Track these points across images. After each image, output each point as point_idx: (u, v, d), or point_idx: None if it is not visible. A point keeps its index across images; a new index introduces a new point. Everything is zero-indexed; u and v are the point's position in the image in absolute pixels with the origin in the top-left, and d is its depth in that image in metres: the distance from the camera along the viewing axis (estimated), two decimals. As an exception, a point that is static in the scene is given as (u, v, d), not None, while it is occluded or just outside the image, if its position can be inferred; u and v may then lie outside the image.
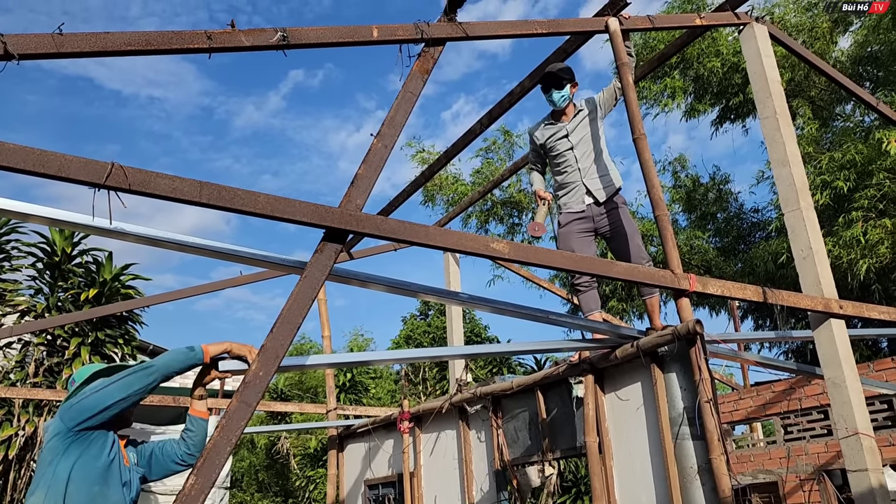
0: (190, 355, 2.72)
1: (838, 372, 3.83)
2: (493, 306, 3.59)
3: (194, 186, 2.46)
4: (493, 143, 16.25)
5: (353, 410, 8.55)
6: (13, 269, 8.47)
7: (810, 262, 4.11)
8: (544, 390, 4.77)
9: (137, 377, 2.57)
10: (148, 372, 2.59)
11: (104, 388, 2.55)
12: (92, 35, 2.46)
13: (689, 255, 13.14)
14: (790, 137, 4.43)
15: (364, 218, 2.81)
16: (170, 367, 2.64)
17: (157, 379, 2.60)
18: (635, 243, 4.60)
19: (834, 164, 10.16)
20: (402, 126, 3.07)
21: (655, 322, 4.37)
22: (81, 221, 2.70)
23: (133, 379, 2.56)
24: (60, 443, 2.58)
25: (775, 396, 8.24)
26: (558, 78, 4.71)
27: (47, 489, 2.53)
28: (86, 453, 2.61)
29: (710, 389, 3.36)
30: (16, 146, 2.18)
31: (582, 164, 4.73)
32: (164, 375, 2.63)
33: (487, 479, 5.27)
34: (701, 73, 12.75)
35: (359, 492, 7.03)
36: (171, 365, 2.65)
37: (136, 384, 2.55)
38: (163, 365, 2.63)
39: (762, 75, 4.56)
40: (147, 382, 2.58)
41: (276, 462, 16.84)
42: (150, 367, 2.61)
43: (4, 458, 7.40)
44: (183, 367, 2.70)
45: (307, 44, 2.98)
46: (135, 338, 8.89)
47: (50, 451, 2.58)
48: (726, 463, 3.24)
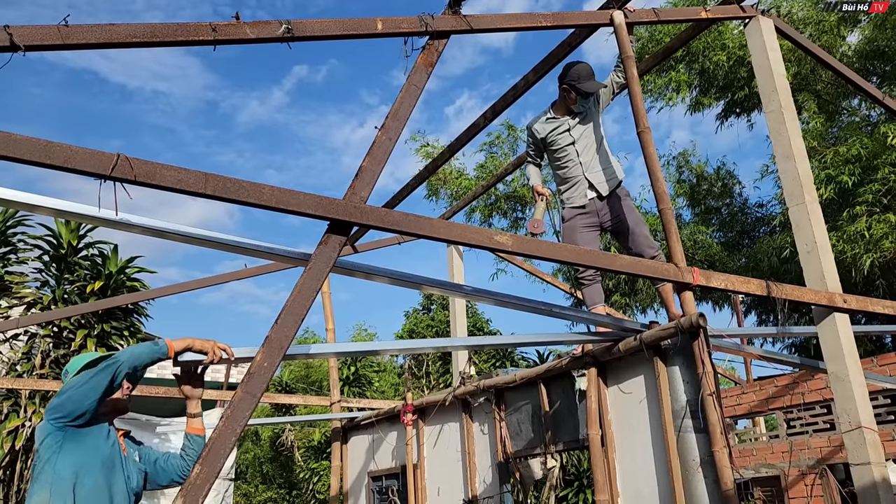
0: (154, 348, 2.75)
1: (842, 366, 3.83)
2: (497, 299, 3.60)
3: (199, 178, 2.48)
4: (497, 138, 16.22)
5: (357, 403, 8.57)
6: (19, 261, 8.51)
7: (814, 257, 4.10)
8: (547, 383, 4.78)
9: (105, 375, 2.60)
10: (113, 367, 2.62)
11: (75, 390, 2.59)
12: (97, 27, 2.47)
13: (693, 250, 13.12)
14: (795, 131, 4.42)
15: (368, 210, 2.82)
16: (134, 359, 2.68)
17: (124, 372, 2.64)
18: (642, 233, 4.59)
19: (839, 158, 10.13)
20: (406, 119, 3.08)
21: (672, 310, 4.30)
22: (87, 213, 2.71)
23: (101, 378, 2.60)
24: (54, 441, 2.63)
25: (778, 391, 8.24)
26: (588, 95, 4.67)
27: (51, 487, 2.56)
28: (83, 447, 2.65)
29: (713, 383, 3.36)
30: (22, 137, 2.20)
31: (583, 158, 4.73)
32: (131, 367, 2.66)
33: (490, 472, 5.30)
34: (706, 67, 12.70)
35: (362, 484, 7.06)
36: (135, 357, 2.68)
37: (104, 382, 2.60)
38: (128, 358, 2.66)
39: (767, 69, 4.55)
40: (112, 377, 2.61)
41: (281, 454, 16.90)
42: (115, 362, 2.63)
43: (11, 448, 7.45)
44: (147, 360, 2.73)
45: (312, 36, 2.99)
46: (140, 330, 8.93)
47: (46, 449, 2.62)
48: (729, 456, 3.25)
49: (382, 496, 6.70)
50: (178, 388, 3.10)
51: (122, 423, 8.03)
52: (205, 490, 2.24)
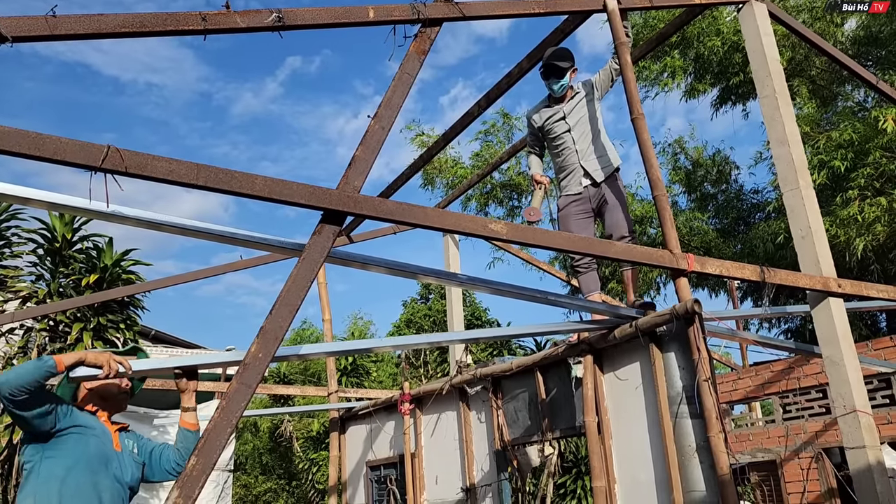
0: (38, 364, 2.60)
1: (836, 350, 3.84)
2: (493, 287, 3.60)
3: (191, 169, 2.46)
4: (493, 126, 16.18)
5: (355, 393, 8.59)
6: (14, 255, 8.47)
7: (809, 242, 4.11)
8: (543, 371, 4.80)
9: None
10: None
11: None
12: (85, 17, 2.44)
13: (689, 237, 13.13)
14: (789, 116, 4.41)
15: (362, 199, 2.81)
16: (18, 378, 2.54)
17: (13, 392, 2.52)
18: (619, 215, 4.68)
19: (831, 143, 10.13)
20: (399, 107, 3.07)
21: (630, 296, 4.49)
22: (79, 205, 2.70)
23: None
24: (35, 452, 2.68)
25: (774, 376, 8.27)
26: (560, 69, 4.71)
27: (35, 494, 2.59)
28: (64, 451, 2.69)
29: (709, 368, 3.37)
30: (11, 129, 2.18)
31: (579, 146, 4.74)
32: (19, 387, 2.53)
33: (488, 460, 5.32)
34: (701, 53, 12.66)
35: (361, 473, 7.09)
36: (19, 376, 2.55)
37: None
38: (13, 378, 2.54)
39: (761, 54, 4.54)
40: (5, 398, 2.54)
41: (280, 445, 16.95)
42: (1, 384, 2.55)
43: (9, 443, 7.45)
44: (33, 378, 2.56)
45: (302, 25, 2.97)
46: (136, 323, 8.90)
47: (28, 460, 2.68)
48: (724, 441, 3.26)
49: (381, 485, 6.73)
50: (174, 381, 3.10)
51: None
52: (201, 481, 2.24)
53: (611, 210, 4.66)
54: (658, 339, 3.73)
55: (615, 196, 4.69)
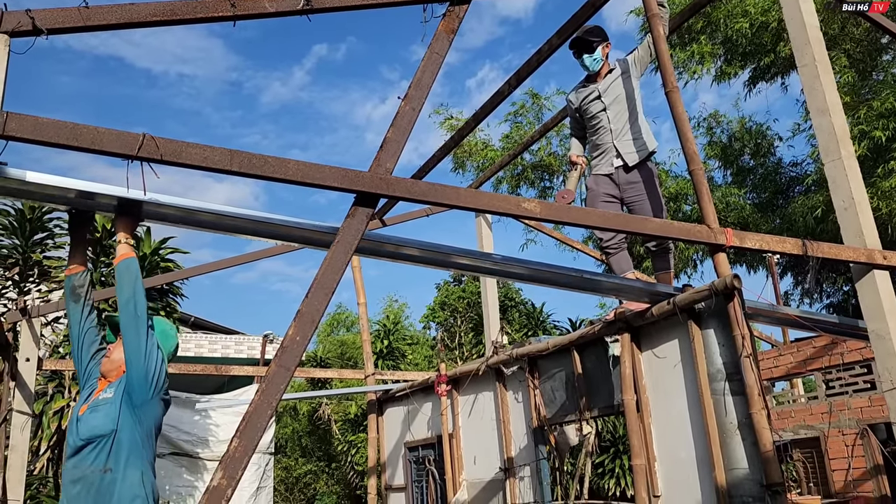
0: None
1: (882, 324, 3.74)
2: (528, 267, 3.57)
3: (225, 155, 2.48)
4: (522, 107, 16.00)
5: (391, 375, 8.65)
6: (56, 246, 8.67)
7: (852, 213, 3.99)
8: (580, 350, 4.77)
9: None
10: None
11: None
12: (117, 7, 2.47)
13: (726, 213, 12.88)
14: (830, 85, 4.27)
15: (394, 181, 2.81)
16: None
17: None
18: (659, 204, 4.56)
19: (872, 113, 9.82)
20: (429, 88, 3.04)
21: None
22: (117, 194, 2.74)
23: None
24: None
25: (816, 352, 8.12)
26: (588, 42, 4.62)
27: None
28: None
29: (750, 345, 3.32)
30: (49, 120, 2.22)
31: (614, 125, 4.64)
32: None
33: (526, 439, 5.32)
34: (729, 36, 12.36)
35: (399, 454, 7.16)
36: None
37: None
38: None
39: (800, 22, 4.40)
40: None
41: (319, 428, 17.19)
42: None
43: (58, 428, 7.67)
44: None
45: (331, 7, 2.95)
46: (176, 310, 9.07)
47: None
48: (767, 417, 3.21)
49: (419, 466, 6.79)
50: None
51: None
52: (244, 462, 2.28)
53: (642, 204, 4.54)
54: (697, 316, 3.68)
55: (653, 199, 4.54)
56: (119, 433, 2.56)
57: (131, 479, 2.52)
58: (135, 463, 2.55)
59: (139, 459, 2.57)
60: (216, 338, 15.91)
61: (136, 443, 2.58)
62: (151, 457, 2.64)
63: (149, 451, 2.63)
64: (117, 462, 2.52)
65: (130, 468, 2.53)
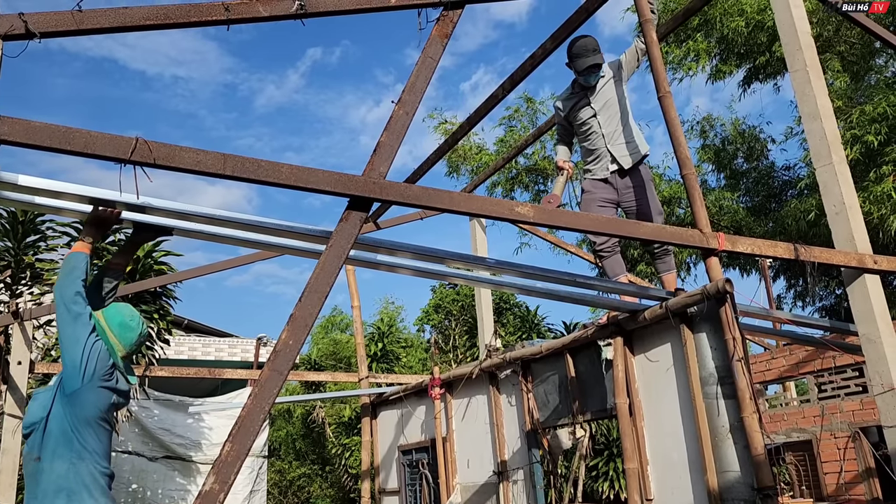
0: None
1: (873, 328, 3.76)
2: (521, 271, 3.59)
3: (218, 159, 2.48)
4: (516, 111, 16.04)
5: (385, 378, 8.65)
6: (49, 248, 8.63)
7: (843, 218, 4.02)
8: (573, 353, 4.78)
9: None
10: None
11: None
12: (111, 11, 2.47)
13: (719, 216, 12.93)
14: (821, 90, 4.30)
15: (388, 185, 2.81)
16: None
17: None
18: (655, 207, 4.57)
19: (864, 118, 9.87)
20: (422, 92, 3.05)
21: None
22: (110, 198, 2.74)
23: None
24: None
25: (808, 355, 8.15)
26: (599, 65, 4.63)
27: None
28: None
29: (742, 348, 3.33)
30: (42, 124, 2.21)
31: (606, 129, 4.66)
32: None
33: (519, 443, 5.33)
34: (724, 34, 12.41)
35: (393, 457, 7.15)
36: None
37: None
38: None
39: (791, 27, 4.42)
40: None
41: (312, 431, 17.13)
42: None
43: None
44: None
45: (325, 12, 2.96)
46: (169, 312, 9.03)
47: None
48: (759, 421, 3.23)
49: (413, 469, 6.78)
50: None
51: (157, 403, 8.15)
52: (236, 467, 2.28)
53: (640, 208, 4.57)
54: (689, 320, 3.69)
55: (652, 202, 4.57)
56: (49, 422, 2.49)
57: (57, 471, 2.44)
58: (63, 454, 2.46)
59: (68, 451, 2.47)
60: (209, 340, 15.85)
61: (67, 432, 2.48)
62: (96, 446, 2.53)
63: (88, 441, 2.50)
64: (44, 451, 2.47)
65: (58, 459, 2.45)
